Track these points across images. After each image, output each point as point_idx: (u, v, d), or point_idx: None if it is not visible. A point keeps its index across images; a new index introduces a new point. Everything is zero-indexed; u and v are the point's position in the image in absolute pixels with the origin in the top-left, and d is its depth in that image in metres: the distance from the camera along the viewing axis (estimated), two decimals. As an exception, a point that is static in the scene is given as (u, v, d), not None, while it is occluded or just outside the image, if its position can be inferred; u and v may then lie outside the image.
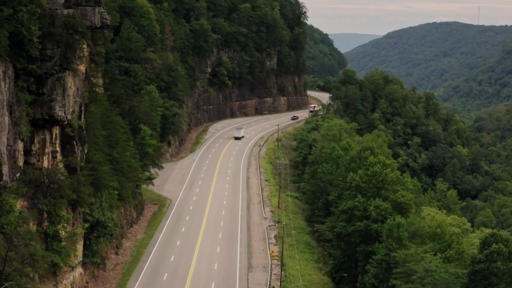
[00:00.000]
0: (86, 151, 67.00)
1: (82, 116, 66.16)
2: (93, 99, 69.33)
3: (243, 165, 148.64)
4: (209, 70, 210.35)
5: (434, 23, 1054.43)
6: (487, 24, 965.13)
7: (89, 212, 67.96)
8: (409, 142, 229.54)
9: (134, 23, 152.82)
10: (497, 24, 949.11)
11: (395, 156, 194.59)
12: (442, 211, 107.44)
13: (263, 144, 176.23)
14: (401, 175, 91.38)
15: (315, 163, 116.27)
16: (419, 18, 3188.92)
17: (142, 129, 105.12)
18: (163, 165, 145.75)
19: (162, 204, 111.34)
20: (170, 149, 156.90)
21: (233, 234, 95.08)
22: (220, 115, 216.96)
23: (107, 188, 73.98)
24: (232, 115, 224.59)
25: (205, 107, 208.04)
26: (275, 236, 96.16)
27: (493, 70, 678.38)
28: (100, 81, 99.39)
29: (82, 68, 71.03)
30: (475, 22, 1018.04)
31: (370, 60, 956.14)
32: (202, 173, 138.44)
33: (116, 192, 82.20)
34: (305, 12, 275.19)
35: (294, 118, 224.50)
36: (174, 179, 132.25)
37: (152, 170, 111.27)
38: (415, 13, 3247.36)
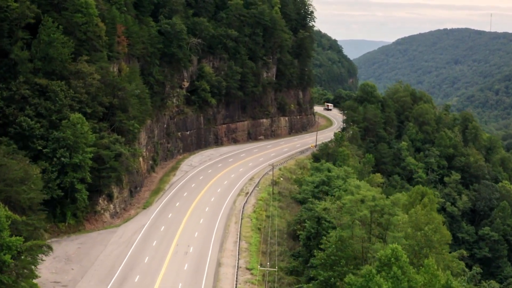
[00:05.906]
0: None
1: None
2: None
3: (216, 235, 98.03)
4: (186, 84, 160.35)
5: (445, 29, 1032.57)
6: (499, 31, 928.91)
7: None
8: (446, 179, 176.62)
9: (65, 19, 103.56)
10: (511, 31, 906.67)
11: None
12: None
13: (252, 191, 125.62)
14: None
15: (327, 266, 65.03)
16: (427, 25, 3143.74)
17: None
18: (97, 232, 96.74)
19: None
20: (111, 206, 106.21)
21: None
22: (200, 144, 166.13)
23: None
24: (217, 142, 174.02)
25: (179, 133, 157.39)
26: None
27: (510, 79, 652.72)
28: None
29: None
30: (486, 29, 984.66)
31: (379, 67, 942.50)
32: (147, 254, 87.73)
33: None
34: (312, 12, 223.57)
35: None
36: (99, 268, 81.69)
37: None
38: (423, 20, 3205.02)
